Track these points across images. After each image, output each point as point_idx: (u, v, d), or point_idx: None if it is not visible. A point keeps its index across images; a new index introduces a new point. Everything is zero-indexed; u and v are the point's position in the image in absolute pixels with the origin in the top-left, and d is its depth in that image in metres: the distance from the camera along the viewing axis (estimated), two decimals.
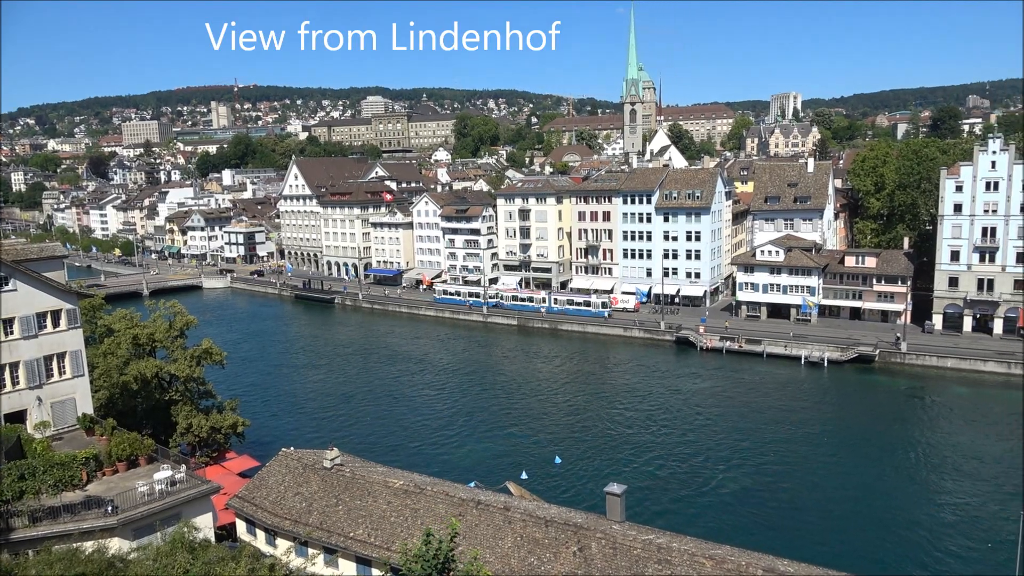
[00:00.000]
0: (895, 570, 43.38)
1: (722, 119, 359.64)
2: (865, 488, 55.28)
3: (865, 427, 69.09)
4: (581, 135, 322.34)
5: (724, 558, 27.39)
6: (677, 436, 66.72)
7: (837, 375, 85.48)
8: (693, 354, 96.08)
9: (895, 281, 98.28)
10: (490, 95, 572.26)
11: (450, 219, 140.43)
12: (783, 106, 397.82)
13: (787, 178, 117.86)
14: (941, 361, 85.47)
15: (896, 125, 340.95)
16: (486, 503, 33.23)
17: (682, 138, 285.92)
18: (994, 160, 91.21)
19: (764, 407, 74.93)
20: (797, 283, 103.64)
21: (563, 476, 57.97)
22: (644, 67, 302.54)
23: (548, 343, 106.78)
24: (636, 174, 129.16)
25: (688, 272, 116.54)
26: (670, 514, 50.65)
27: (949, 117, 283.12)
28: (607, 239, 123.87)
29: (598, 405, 77.05)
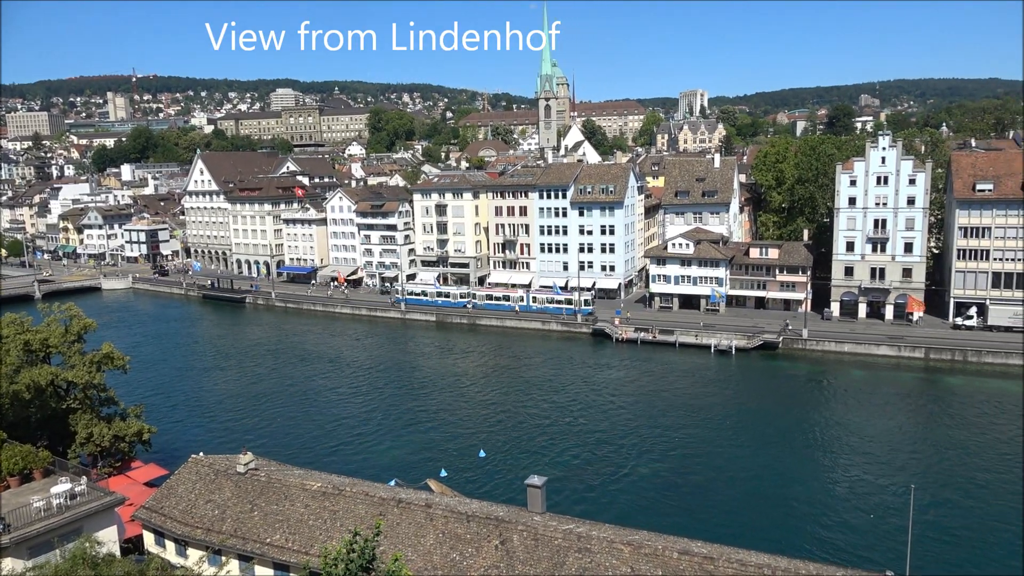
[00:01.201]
0: (795, 543, 45.67)
1: (633, 115, 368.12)
2: (769, 469, 57.98)
3: (769, 411, 72.47)
4: (497, 130, 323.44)
5: (641, 543, 28.16)
6: (595, 426, 68.10)
7: (744, 362, 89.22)
8: (609, 346, 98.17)
9: (796, 271, 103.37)
10: (404, 89, 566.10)
11: (365, 215, 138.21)
12: (691, 103, 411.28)
13: (695, 173, 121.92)
14: (839, 346, 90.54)
15: (795, 122, 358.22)
16: (407, 501, 32.99)
17: (595, 134, 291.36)
18: (884, 156, 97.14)
19: (676, 395, 77.44)
20: (706, 274, 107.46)
21: (485, 470, 58.19)
22: (557, 63, 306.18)
23: (467, 338, 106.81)
24: (551, 169, 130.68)
25: (603, 265, 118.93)
26: (589, 503, 51.69)
27: (843, 115, 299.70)
28: (524, 234, 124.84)
29: (517, 398, 77.69)
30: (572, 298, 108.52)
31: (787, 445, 63.15)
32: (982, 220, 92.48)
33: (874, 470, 57.34)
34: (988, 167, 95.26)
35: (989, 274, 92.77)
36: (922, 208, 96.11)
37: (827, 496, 53.22)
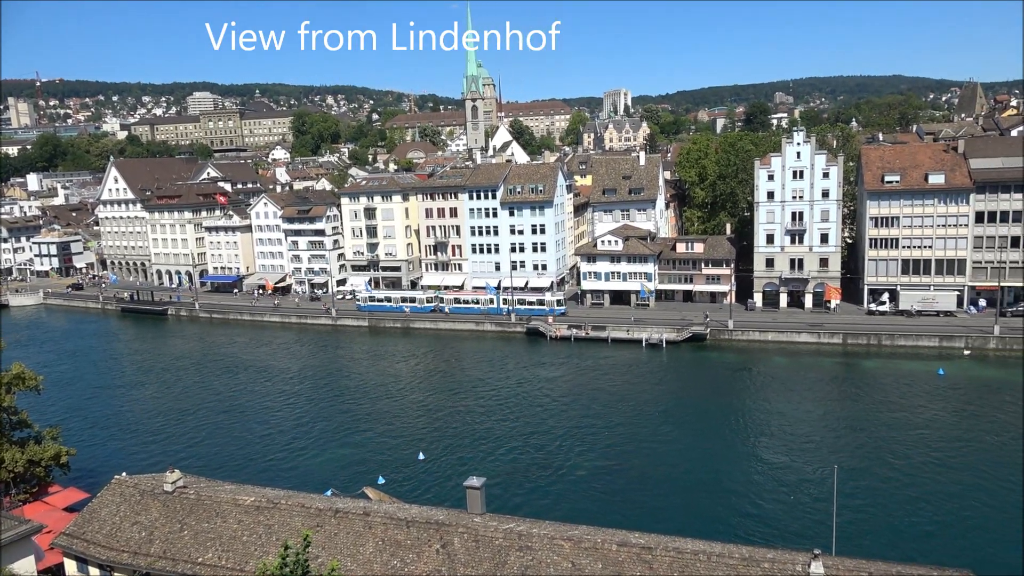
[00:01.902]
0: (728, 528, 47.12)
1: (560, 115, 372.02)
2: (701, 457, 59.59)
3: (699, 401, 74.54)
4: (424, 131, 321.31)
5: (581, 538, 28.49)
6: (532, 424, 68.54)
7: (674, 354, 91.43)
8: (543, 344, 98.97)
9: (720, 264, 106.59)
10: (328, 91, 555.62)
11: (292, 220, 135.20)
12: (615, 103, 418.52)
13: (622, 171, 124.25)
14: (763, 335, 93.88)
15: (715, 120, 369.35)
16: (345, 511, 32.43)
17: (523, 134, 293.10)
18: (799, 151, 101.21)
19: (610, 390, 78.72)
20: (635, 270, 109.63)
21: (423, 474, 57.79)
22: (483, 64, 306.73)
23: (401, 342, 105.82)
24: (480, 170, 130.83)
25: (535, 264, 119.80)
26: (529, 501, 52.00)
27: (760, 112, 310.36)
28: (455, 235, 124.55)
29: (454, 401, 77.46)
30: (544, 298, 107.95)
31: (717, 433, 65.04)
32: (891, 210, 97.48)
33: (799, 453, 59.66)
34: (895, 160, 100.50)
35: (899, 261, 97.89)
36: (836, 200, 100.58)
37: (756, 481, 55.07)
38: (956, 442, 60.17)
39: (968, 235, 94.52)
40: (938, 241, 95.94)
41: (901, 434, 62.41)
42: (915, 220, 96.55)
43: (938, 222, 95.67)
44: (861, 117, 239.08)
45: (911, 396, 72.39)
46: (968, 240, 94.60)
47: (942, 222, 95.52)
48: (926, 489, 51.84)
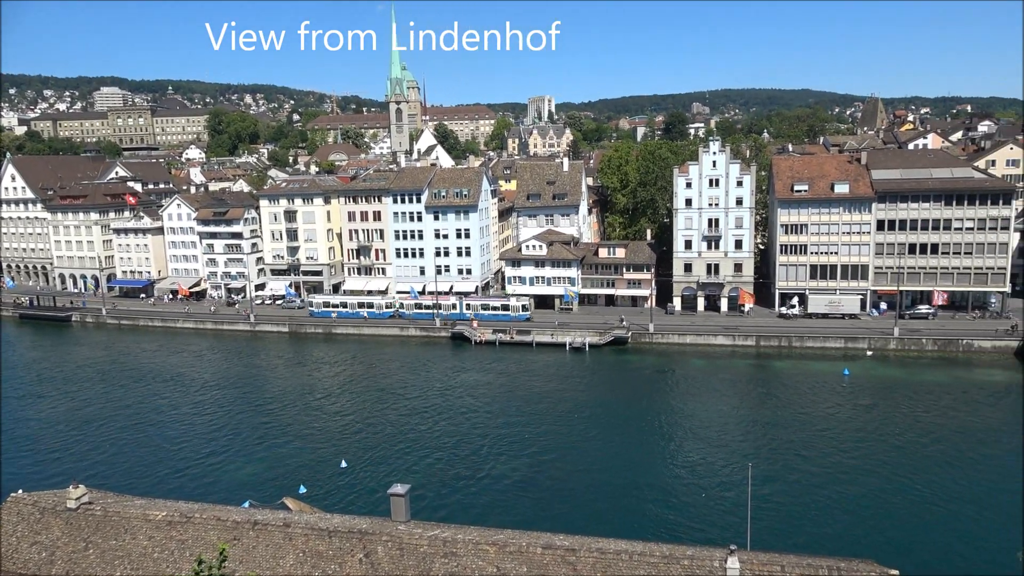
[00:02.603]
0: (650, 526, 48.22)
1: (484, 120, 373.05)
2: (623, 458, 60.80)
3: (621, 403, 76.01)
4: (347, 134, 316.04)
5: (506, 542, 28.52)
6: (457, 429, 68.29)
7: (597, 358, 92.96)
8: (469, 348, 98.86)
9: (641, 269, 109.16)
10: (246, 90, 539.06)
11: (207, 222, 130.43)
12: (539, 109, 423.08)
13: (546, 176, 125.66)
14: (681, 338, 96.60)
15: (636, 128, 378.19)
16: (263, 523, 31.42)
17: (448, 138, 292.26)
18: (715, 160, 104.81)
19: (535, 393, 79.32)
20: (559, 275, 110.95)
21: (346, 483, 56.70)
22: (407, 67, 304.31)
23: (323, 348, 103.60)
24: (405, 173, 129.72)
25: (460, 269, 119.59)
26: (455, 507, 51.77)
27: (678, 122, 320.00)
28: (379, 239, 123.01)
29: (378, 407, 76.36)
30: (509, 303, 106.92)
31: (639, 435, 66.48)
32: (800, 218, 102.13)
33: (716, 452, 61.66)
34: (803, 170, 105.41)
35: (807, 267, 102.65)
36: (749, 208, 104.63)
37: (676, 480, 56.56)
38: (860, 438, 63.48)
39: (870, 242, 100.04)
40: (843, 247, 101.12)
41: (810, 432, 65.38)
42: (822, 227, 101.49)
43: (843, 229, 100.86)
44: (772, 128, 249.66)
45: (819, 395, 75.95)
46: (871, 247, 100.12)
47: (847, 229, 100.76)
48: (833, 483, 54.43)
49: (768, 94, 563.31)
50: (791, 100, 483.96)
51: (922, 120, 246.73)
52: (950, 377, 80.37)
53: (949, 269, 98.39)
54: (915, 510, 50.03)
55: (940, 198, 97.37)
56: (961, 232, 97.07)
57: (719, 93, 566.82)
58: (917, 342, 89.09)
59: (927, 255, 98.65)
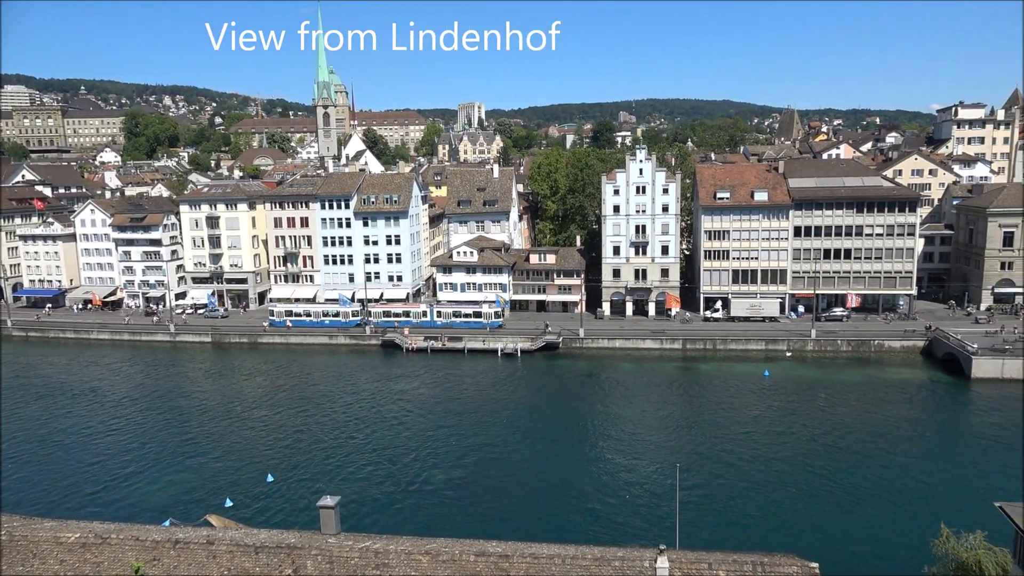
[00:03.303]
0: (582, 530, 48.78)
1: (414, 125, 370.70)
2: (554, 463, 61.29)
3: (553, 408, 76.67)
4: (272, 138, 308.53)
5: (439, 551, 28.31)
6: (389, 438, 67.44)
7: (529, 363, 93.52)
8: (400, 356, 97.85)
9: (572, 275, 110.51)
10: (165, 91, 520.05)
11: (124, 229, 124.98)
12: (469, 115, 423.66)
13: (476, 183, 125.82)
14: (611, 342, 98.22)
15: (565, 136, 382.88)
16: (185, 541, 30.21)
17: (377, 143, 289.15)
18: (641, 168, 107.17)
19: (467, 400, 79.14)
20: (491, 281, 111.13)
21: (274, 497, 55.16)
22: (335, 70, 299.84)
23: (248, 358, 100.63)
24: (333, 179, 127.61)
25: (390, 276, 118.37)
26: (387, 517, 51.06)
27: (606, 130, 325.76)
28: (306, 246, 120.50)
29: (306, 418, 74.63)
30: (482, 311, 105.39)
31: (570, 439, 67.14)
32: (722, 224, 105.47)
33: (645, 454, 62.89)
34: (725, 178, 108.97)
35: (730, 271, 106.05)
36: (675, 214, 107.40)
37: (607, 483, 57.34)
38: (781, 437, 65.90)
39: (788, 247, 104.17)
40: (763, 253, 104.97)
41: (734, 431, 67.46)
42: (743, 233, 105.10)
43: (763, 235, 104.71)
44: (696, 137, 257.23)
45: (742, 396, 78.48)
46: (788, 252, 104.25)
47: (766, 235, 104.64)
48: (756, 481, 56.31)
49: (691, 104, 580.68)
50: (713, 111, 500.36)
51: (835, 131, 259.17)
52: (863, 376, 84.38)
53: (861, 273, 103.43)
54: (832, 504, 52.26)
55: (852, 205, 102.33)
56: (871, 238, 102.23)
57: (645, 103, 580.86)
58: (833, 343, 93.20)
59: (840, 260, 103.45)
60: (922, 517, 46.10)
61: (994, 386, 78.28)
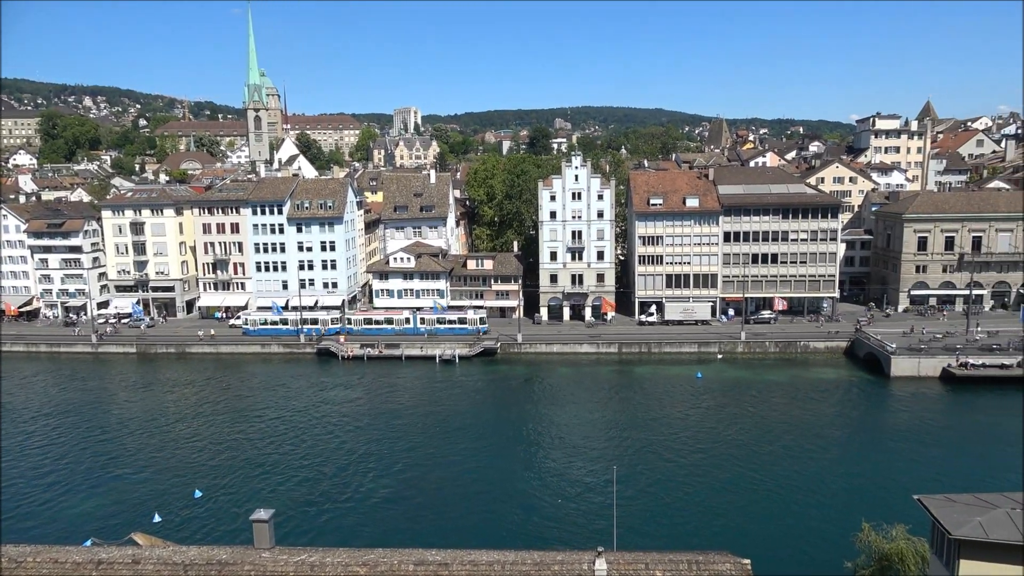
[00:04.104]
0: (521, 535, 48.91)
1: (349, 130, 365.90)
2: (494, 469, 61.26)
3: (492, 414, 76.66)
4: (201, 141, 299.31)
5: (377, 562, 27.92)
6: (325, 449, 66.15)
7: (467, 369, 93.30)
8: (335, 364, 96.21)
9: (509, 280, 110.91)
10: (85, 91, 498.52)
11: (40, 235, 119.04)
12: (405, 120, 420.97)
13: (413, 188, 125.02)
14: (548, 347, 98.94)
15: (502, 142, 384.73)
16: (109, 561, 28.91)
17: (310, 148, 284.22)
18: (577, 175, 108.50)
19: (405, 408, 78.36)
20: (428, 287, 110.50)
21: (204, 513, 53.33)
22: (266, 73, 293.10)
23: (175, 369, 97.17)
24: (265, 183, 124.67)
25: (325, 282, 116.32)
26: (323, 530, 50.05)
27: (542, 136, 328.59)
28: (237, 252, 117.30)
29: (237, 430, 72.51)
30: (467, 316, 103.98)
31: (508, 445, 67.23)
32: (656, 230, 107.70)
33: (583, 457, 63.50)
34: (658, 185, 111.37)
35: (664, 276, 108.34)
36: (610, 220, 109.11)
37: (545, 487, 57.64)
38: (713, 437, 67.59)
39: (719, 252, 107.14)
40: (695, 258, 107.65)
41: (668, 433, 68.85)
42: (676, 239, 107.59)
43: (695, 241, 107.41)
44: (629, 145, 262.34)
45: (676, 398, 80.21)
46: (719, 257, 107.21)
47: (698, 241, 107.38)
48: (690, 480, 57.57)
49: (625, 112, 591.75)
50: (646, 119, 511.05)
51: (761, 140, 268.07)
52: (790, 376, 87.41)
53: (787, 277, 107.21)
54: (763, 501, 53.88)
55: (778, 212, 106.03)
56: (796, 243, 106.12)
57: (580, 110, 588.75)
58: (761, 345, 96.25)
59: (768, 264, 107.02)
60: (848, 511, 47.97)
61: (911, 383, 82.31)
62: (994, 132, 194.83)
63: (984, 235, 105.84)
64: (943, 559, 21.48)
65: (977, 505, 21.30)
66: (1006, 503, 21.36)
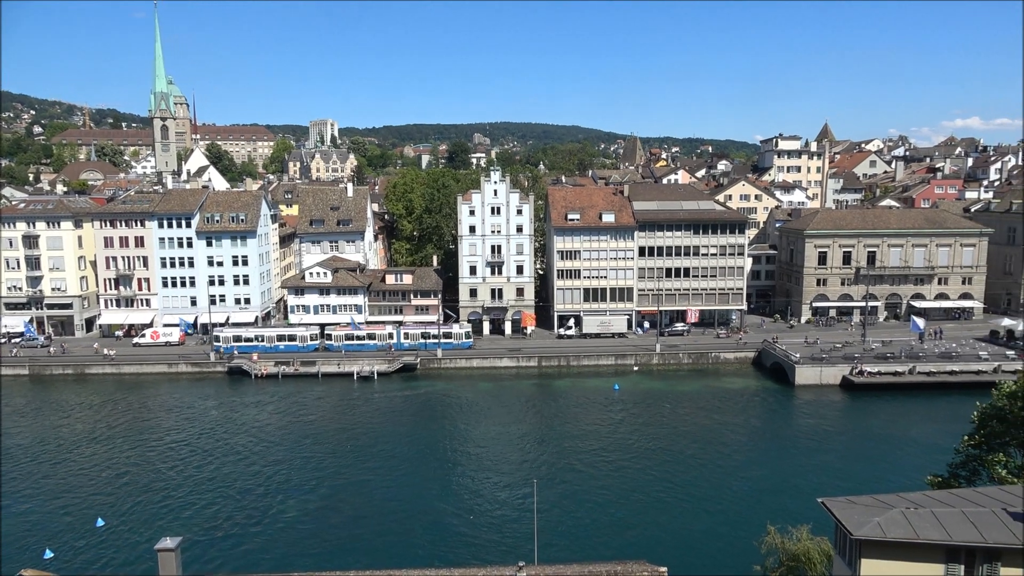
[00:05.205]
0: (445, 552, 48.42)
1: (263, 141, 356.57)
2: (415, 487, 60.41)
3: (411, 431, 75.68)
4: (103, 150, 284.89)
5: None
6: (237, 471, 63.65)
7: (386, 385, 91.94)
8: (248, 383, 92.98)
9: (429, 295, 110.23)
10: None
11: None
12: (321, 132, 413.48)
13: (330, 202, 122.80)
14: (469, 362, 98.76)
15: (421, 156, 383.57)
16: None
17: (222, 159, 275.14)
18: (496, 189, 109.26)
19: (322, 427, 76.43)
20: (346, 302, 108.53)
21: (106, 543, 50.25)
22: (175, 80, 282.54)
23: (74, 391, 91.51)
24: (172, 195, 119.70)
25: (237, 298, 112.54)
26: (235, 555, 48.05)
27: (461, 151, 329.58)
28: (142, 267, 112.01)
29: (143, 454, 68.87)
30: (452, 331, 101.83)
31: (428, 461, 66.50)
32: (574, 244, 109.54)
33: (504, 472, 63.51)
34: (576, 200, 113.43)
35: (581, 290, 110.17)
36: (528, 235, 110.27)
37: (467, 503, 57.24)
38: (630, 447, 68.94)
39: (634, 267, 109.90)
40: (612, 272, 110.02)
41: (587, 444, 69.79)
42: (593, 254, 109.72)
43: (611, 255, 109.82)
44: (547, 161, 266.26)
45: (594, 410, 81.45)
46: (634, 271, 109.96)
47: (614, 255, 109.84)
48: (608, 492, 58.43)
49: (543, 128, 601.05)
50: (563, 135, 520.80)
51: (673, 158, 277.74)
52: (702, 386, 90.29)
53: (699, 290, 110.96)
54: (676, 508, 55.26)
55: (690, 227, 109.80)
56: (707, 257, 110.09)
57: (499, 125, 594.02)
58: (675, 356, 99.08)
59: (680, 278, 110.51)
60: (756, 515, 49.76)
61: (814, 391, 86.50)
62: (885, 154, 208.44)
63: (878, 250, 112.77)
64: (846, 559, 22.57)
65: (876, 506, 22.53)
66: (902, 503, 22.69)
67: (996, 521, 21.26)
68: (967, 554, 20.91)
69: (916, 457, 62.57)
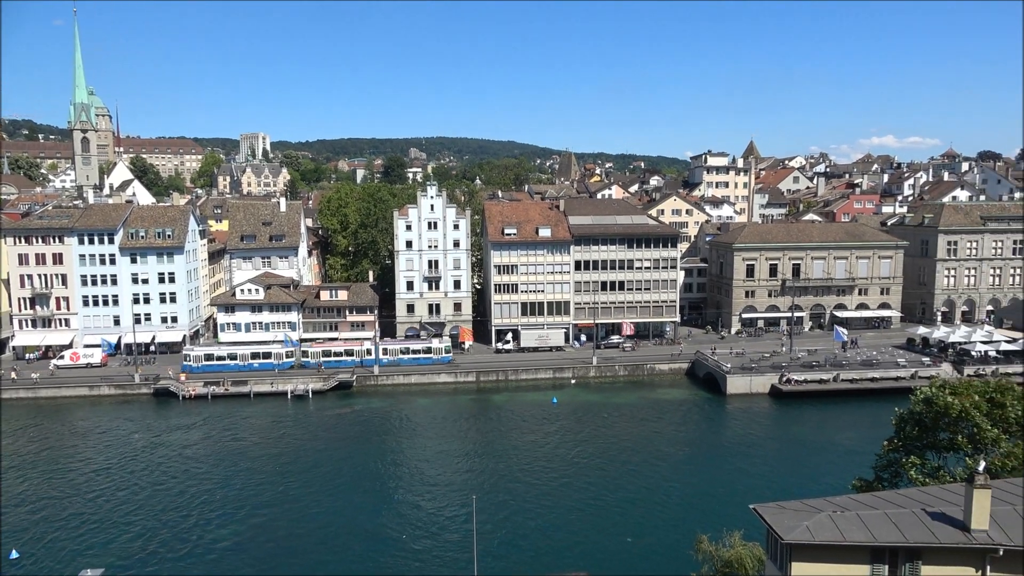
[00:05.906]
0: (381, 572, 47.60)
1: (191, 155, 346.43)
2: (352, 507, 59.21)
3: (347, 450, 74.19)
4: (17, 163, 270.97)
5: None
6: (163, 498, 61.11)
7: (321, 404, 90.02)
8: (175, 405, 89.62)
9: (365, 311, 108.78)
10: None
11: None
12: (253, 146, 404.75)
13: (262, 217, 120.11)
14: (406, 378, 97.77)
15: (356, 170, 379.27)
16: None
17: (147, 172, 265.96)
18: (432, 204, 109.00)
19: (254, 448, 74.20)
20: (279, 320, 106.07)
21: None
22: (96, 91, 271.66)
23: None
24: (94, 210, 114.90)
25: (164, 316, 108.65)
26: None
27: (397, 165, 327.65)
28: (61, 285, 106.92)
29: (60, 483, 65.36)
30: (432, 346, 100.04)
31: (365, 480, 65.33)
32: (511, 259, 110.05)
33: (443, 488, 62.95)
34: (512, 215, 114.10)
35: (519, 304, 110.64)
36: (465, 250, 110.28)
37: (405, 521, 56.44)
38: (568, 459, 69.37)
39: (571, 280, 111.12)
40: (549, 286, 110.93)
41: (526, 457, 69.88)
42: (530, 268, 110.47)
43: (548, 269, 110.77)
44: (484, 175, 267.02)
45: (533, 423, 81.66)
46: (571, 285, 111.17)
47: (551, 269, 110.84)
48: (548, 504, 58.61)
49: (479, 144, 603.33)
50: (499, 150, 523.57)
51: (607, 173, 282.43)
52: (638, 397, 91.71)
53: (634, 303, 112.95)
54: (614, 518, 55.83)
55: (624, 241, 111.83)
56: (641, 271, 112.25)
57: (435, 140, 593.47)
58: (612, 369, 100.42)
59: (616, 291, 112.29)
60: (693, 523, 50.69)
61: (744, 400, 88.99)
62: (807, 170, 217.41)
63: (802, 262, 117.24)
64: (777, 563, 23.23)
65: (804, 510, 23.29)
66: (829, 507, 23.53)
67: (916, 521, 22.28)
68: (890, 554, 21.81)
69: (841, 461, 64.99)
